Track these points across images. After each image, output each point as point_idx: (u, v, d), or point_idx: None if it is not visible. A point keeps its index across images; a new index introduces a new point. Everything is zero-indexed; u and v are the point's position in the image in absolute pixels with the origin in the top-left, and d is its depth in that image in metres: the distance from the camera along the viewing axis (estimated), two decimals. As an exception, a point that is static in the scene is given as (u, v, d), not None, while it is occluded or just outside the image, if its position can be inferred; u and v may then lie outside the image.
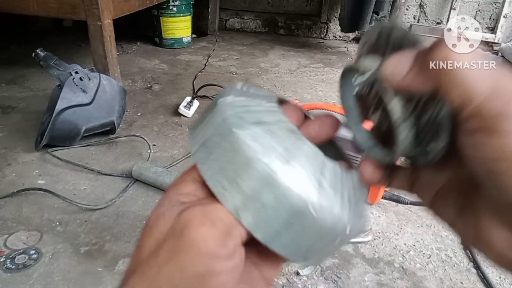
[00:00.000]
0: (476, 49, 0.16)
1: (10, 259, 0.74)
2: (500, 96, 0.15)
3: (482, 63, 0.15)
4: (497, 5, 2.46)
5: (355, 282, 0.74)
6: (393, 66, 0.18)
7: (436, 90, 0.17)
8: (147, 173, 0.98)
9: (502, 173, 0.15)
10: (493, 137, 0.15)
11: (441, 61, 0.16)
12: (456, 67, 0.16)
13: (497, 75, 0.15)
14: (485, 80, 0.15)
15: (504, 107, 0.15)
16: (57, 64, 1.13)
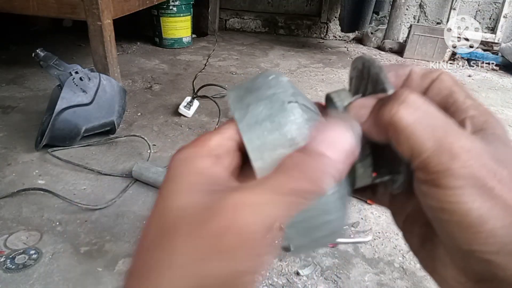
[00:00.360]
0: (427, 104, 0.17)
1: (10, 259, 0.74)
2: (444, 153, 0.16)
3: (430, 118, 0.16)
4: (497, 5, 2.46)
5: (355, 282, 0.74)
6: (355, 111, 0.19)
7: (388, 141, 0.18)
8: (147, 173, 0.98)
9: (445, 222, 0.17)
10: (437, 190, 0.16)
11: (390, 117, 0.17)
12: (404, 124, 0.16)
13: (443, 132, 0.16)
14: (430, 137, 0.16)
15: (448, 165, 0.16)
16: (57, 64, 1.13)
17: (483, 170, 0.16)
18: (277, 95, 0.19)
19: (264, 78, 0.21)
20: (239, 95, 0.21)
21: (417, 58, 2.37)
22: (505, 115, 1.60)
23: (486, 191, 0.15)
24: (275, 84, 0.20)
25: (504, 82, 2.04)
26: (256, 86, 0.21)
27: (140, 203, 0.94)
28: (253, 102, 0.20)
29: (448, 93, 0.19)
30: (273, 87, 0.20)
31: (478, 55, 2.30)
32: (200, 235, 0.15)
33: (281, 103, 0.19)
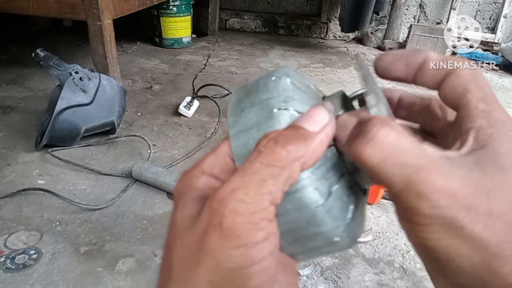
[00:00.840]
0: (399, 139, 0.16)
1: (10, 259, 0.74)
2: (411, 193, 0.15)
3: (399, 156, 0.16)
4: (497, 5, 2.46)
5: (355, 282, 0.74)
6: (339, 128, 0.19)
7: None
8: (147, 173, 0.98)
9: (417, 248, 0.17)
10: (406, 223, 0.16)
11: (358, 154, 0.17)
12: (370, 164, 0.16)
13: (413, 170, 0.16)
14: (398, 176, 0.16)
15: (415, 204, 0.15)
16: (57, 64, 1.13)
17: (453, 209, 0.15)
18: (269, 101, 0.19)
19: (266, 80, 0.21)
20: (239, 98, 0.21)
21: (417, 58, 2.36)
22: (505, 115, 1.60)
23: (456, 230, 0.15)
24: (273, 87, 0.20)
25: (504, 82, 2.04)
26: (256, 88, 0.20)
27: (140, 203, 0.94)
28: (246, 108, 0.20)
29: (462, 92, 0.18)
30: (269, 91, 0.20)
31: (478, 55, 2.30)
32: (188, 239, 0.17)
33: (270, 110, 0.19)
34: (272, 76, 0.21)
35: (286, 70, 0.21)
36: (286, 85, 0.20)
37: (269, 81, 0.20)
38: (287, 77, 0.21)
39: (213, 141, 1.25)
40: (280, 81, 0.20)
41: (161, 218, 0.89)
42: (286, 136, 0.17)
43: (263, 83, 0.21)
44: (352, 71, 2.10)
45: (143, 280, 0.72)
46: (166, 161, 1.12)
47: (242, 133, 0.19)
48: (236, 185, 0.16)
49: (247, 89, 0.21)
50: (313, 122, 0.18)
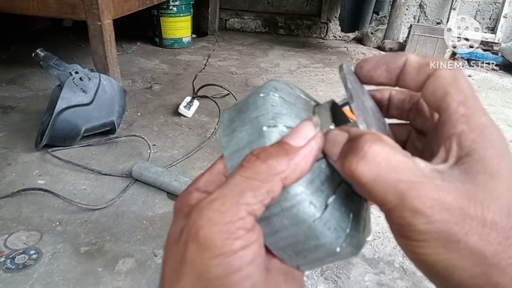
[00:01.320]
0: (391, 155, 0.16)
1: (10, 259, 0.74)
2: (406, 209, 0.16)
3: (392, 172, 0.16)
4: (497, 5, 2.46)
5: (355, 282, 0.74)
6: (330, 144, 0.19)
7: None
8: (147, 173, 0.98)
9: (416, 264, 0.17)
10: (402, 240, 0.17)
11: (351, 172, 0.17)
12: (364, 181, 0.16)
13: (407, 186, 0.16)
14: (392, 192, 0.16)
15: (410, 220, 0.15)
16: (57, 64, 1.13)
17: (448, 224, 0.15)
18: (259, 119, 0.19)
19: (254, 97, 0.21)
20: (231, 117, 0.21)
21: (417, 58, 2.36)
22: (505, 115, 1.60)
23: (452, 243, 0.15)
24: (261, 104, 0.20)
25: (504, 82, 2.04)
26: (246, 106, 0.21)
27: (140, 203, 0.94)
28: (238, 127, 0.20)
29: (442, 95, 0.18)
30: (258, 108, 0.20)
31: (478, 55, 2.30)
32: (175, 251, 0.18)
33: (260, 129, 0.19)
34: (260, 93, 0.21)
35: (274, 84, 0.22)
36: (274, 101, 0.20)
37: (258, 98, 0.21)
38: (275, 92, 0.21)
39: (213, 141, 1.25)
40: (268, 98, 0.20)
41: (161, 218, 0.89)
42: (269, 152, 0.18)
43: (252, 100, 0.21)
44: (352, 71, 2.09)
45: (143, 280, 0.72)
46: (166, 161, 1.12)
47: (235, 154, 0.19)
48: (214, 196, 0.17)
49: (238, 108, 0.21)
50: (298, 137, 0.18)
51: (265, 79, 1.88)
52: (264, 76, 1.93)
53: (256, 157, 0.17)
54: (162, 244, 0.81)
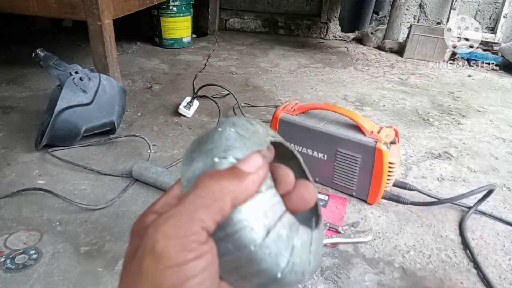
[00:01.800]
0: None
1: (10, 259, 0.74)
2: None
3: None
4: (497, 5, 2.46)
5: (355, 282, 0.74)
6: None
7: None
8: (147, 173, 0.98)
9: None
10: None
11: None
12: None
13: None
14: None
15: None
16: (57, 64, 1.13)
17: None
18: (212, 151, 0.22)
19: (213, 131, 0.23)
20: (192, 148, 0.23)
21: (417, 58, 2.37)
22: (505, 115, 1.60)
23: None
24: (217, 138, 0.23)
25: (504, 82, 2.04)
26: (205, 139, 0.23)
27: (140, 203, 0.94)
28: (196, 158, 0.22)
29: None
30: (214, 141, 0.22)
31: (478, 55, 2.30)
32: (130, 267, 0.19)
33: (212, 159, 0.21)
34: (218, 127, 0.23)
35: (234, 120, 0.24)
36: (229, 135, 0.23)
37: (216, 132, 0.23)
38: (232, 127, 0.23)
39: (213, 141, 1.25)
40: (224, 132, 0.23)
41: (161, 218, 0.89)
42: (221, 173, 0.20)
43: (211, 134, 0.23)
44: (352, 71, 2.10)
45: (143, 280, 0.72)
46: (166, 161, 1.12)
47: (191, 180, 0.21)
48: (170, 213, 0.18)
49: (199, 141, 0.24)
50: (248, 164, 0.21)
51: (265, 79, 1.88)
52: (264, 76, 1.93)
53: (210, 177, 0.20)
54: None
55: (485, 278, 0.75)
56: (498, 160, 1.23)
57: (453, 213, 0.95)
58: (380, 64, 2.25)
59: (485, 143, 1.34)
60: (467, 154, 1.25)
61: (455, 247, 0.84)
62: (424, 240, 0.86)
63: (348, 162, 0.95)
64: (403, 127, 1.43)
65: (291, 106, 1.05)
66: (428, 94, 1.80)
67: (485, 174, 1.14)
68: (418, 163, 1.18)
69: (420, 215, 0.94)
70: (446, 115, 1.56)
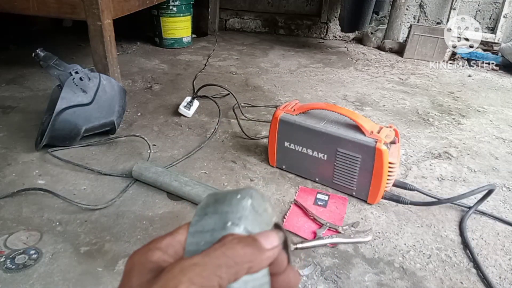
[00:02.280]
0: None
1: (10, 259, 0.74)
2: None
3: None
4: (497, 5, 2.46)
5: (355, 282, 0.74)
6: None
7: None
8: (147, 173, 0.98)
9: None
10: None
11: None
12: None
13: None
14: None
15: None
16: (57, 64, 1.13)
17: None
18: (228, 215, 0.23)
19: (232, 195, 0.25)
20: (208, 202, 0.25)
21: (417, 58, 2.37)
22: (505, 115, 1.60)
23: None
24: (235, 204, 0.24)
25: (504, 82, 2.04)
26: (223, 200, 0.24)
27: (140, 203, 0.94)
28: (210, 213, 0.24)
29: None
30: (231, 205, 0.24)
31: (478, 55, 2.30)
32: None
33: (225, 222, 0.23)
34: (238, 194, 0.25)
35: (252, 192, 0.25)
36: (246, 205, 0.24)
37: (234, 197, 0.24)
38: (250, 198, 0.24)
39: (213, 141, 1.25)
40: (242, 201, 0.24)
41: (161, 218, 0.89)
42: (247, 241, 0.22)
43: (229, 197, 0.25)
44: (352, 71, 2.10)
45: (143, 280, 0.72)
46: (166, 161, 1.12)
47: (198, 234, 0.23)
48: (197, 261, 0.20)
49: (216, 197, 0.25)
50: (268, 241, 0.23)
51: (265, 79, 1.88)
52: (264, 76, 1.93)
53: (238, 240, 0.21)
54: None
55: (485, 278, 0.75)
56: (498, 160, 1.23)
57: (453, 213, 0.95)
58: (380, 64, 2.25)
59: (485, 143, 1.34)
60: (467, 154, 1.25)
61: (455, 247, 0.84)
62: (424, 240, 0.86)
63: (348, 162, 0.95)
64: (403, 127, 1.43)
65: (291, 106, 1.05)
66: (428, 94, 1.80)
67: (485, 174, 1.14)
68: (418, 163, 1.18)
69: (420, 215, 0.94)
70: (446, 115, 1.56)
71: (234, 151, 1.20)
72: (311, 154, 1.01)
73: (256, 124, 1.39)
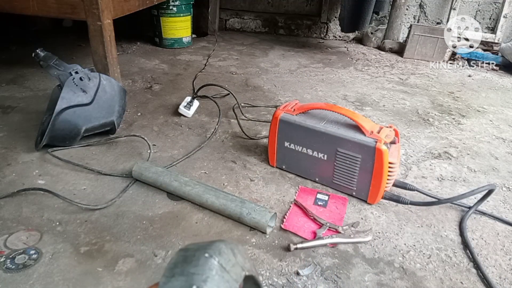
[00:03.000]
0: None
1: (10, 259, 0.74)
2: None
3: None
4: (497, 5, 2.46)
5: (355, 282, 0.74)
6: None
7: None
8: (147, 173, 0.98)
9: None
10: None
11: None
12: None
13: None
14: None
15: None
16: (57, 64, 1.13)
17: None
18: (194, 276, 0.24)
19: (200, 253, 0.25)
20: (177, 261, 0.25)
21: (417, 58, 2.37)
22: (505, 115, 1.60)
23: None
24: (202, 264, 0.25)
25: (504, 82, 2.04)
26: (191, 258, 0.25)
27: (140, 203, 0.94)
28: (177, 274, 0.24)
29: None
30: (197, 266, 0.24)
31: (478, 55, 2.30)
32: None
33: (190, 285, 0.23)
34: (206, 252, 0.25)
35: (221, 247, 0.26)
36: (212, 265, 0.25)
37: (202, 256, 0.25)
38: (218, 256, 0.25)
39: (213, 141, 1.25)
40: (209, 260, 0.25)
41: (161, 218, 0.89)
42: None
43: (197, 256, 0.25)
44: (352, 71, 2.10)
45: (143, 280, 0.72)
46: (166, 161, 1.12)
47: None
48: None
49: (185, 255, 0.26)
50: None
51: (265, 79, 1.88)
52: (264, 76, 1.93)
53: None
54: (163, 244, 0.81)
55: (485, 278, 0.75)
56: (498, 160, 1.23)
57: (453, 213, 0.95)
58: (380, 64, 2.25)
59: (485, 143, 1.34)
60: (467, 154, 1.25)
61: (455, 247, 0.84)
62: (424, 240, 0.86)
63: (348, 162, 0.95)
64: (403, 127, 1.43)
65: (291, 106, 1.05)
66: (428, 94, 1.80)
67: (485, 174, 1.14)
68: (418, 163, 1.18)
69: (420, 215, 0.94)
70: (446, 115, 1.56)
71: (234, 151, 1.20)
72: (311, 154, 1.01)
73: (256, 124, 1.39)
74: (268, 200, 0.97)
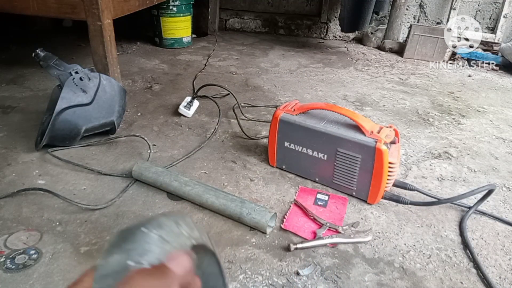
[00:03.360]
0: None
1: (10, 259, 0.74)
2: None
3: None
4: (497, 5, 2.46)
5: (355, 282, 0.74)
6: None
7: None
8: (147, 173, 0.98)
9: None
10: None
11: None
12: None
13: None
14: None
15: None
16: (57, 64, 1.13)
17: None
18: (129, 252, 0.23)
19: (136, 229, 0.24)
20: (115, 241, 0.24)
21: (417, 58, 2.37)
22: (505, 115, 1.60)
23: None
24: (138, 239, 0.23)
25: (504, 82, 2.04)
26: (129, 236, 0.24)
27: (140, 203, 0.94)
28: (114, 253, 0.23)
29: None
30: (134, 242, 0.23)
31: (478, 55, 2.30)
32: None
33: (126, 262, 0.22)
34: (143, 227, 0.24)
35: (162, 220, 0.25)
36: (150, 239, 0.23)
37: (138, 232, 0.24)
38: (157, 229, 0.24)
39: (213, 141, 1.25)
40: (146, 234, 0.24)
41: (161, 218, 0.89)
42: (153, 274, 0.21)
43: (134, 231, 0.24)
44: (352, 71, 2.10)
45: (143, 280, 0.72)
46: (166, 161, 1.12)
47: (102, 279, 0.22)
48: None
49: (123, 235, 0.24)
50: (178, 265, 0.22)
51: (265, 79, 1.88)
52: (264, 76, 1.93)
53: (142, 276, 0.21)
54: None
55: (485, 278, 0.75)
56: (498, 160, 1.23)
57: (453, 213, 0.95)
58: (380, 64, 2.25)
59: (485, 143, 1.34)
60: (467, 154, 1.25)
61: (455, 247, 0.84)
62: (424, 240, 0.86)
63: (348, 162, 0.95)
64: (403, 127, 1.43)
65: (291, 106, 1.05)
66: (428, 94, 1.80)
67: (485, 174, 1.14)
68: (418, 163, 1.18)
69: (420, 215, 0.94)
70: (446, 115, 1.56)
71: (234, 151, 1.20)
72: (311, 154, 1.01)
73: (256, 124, 1.39)
74: (268, 200, 0.97)
